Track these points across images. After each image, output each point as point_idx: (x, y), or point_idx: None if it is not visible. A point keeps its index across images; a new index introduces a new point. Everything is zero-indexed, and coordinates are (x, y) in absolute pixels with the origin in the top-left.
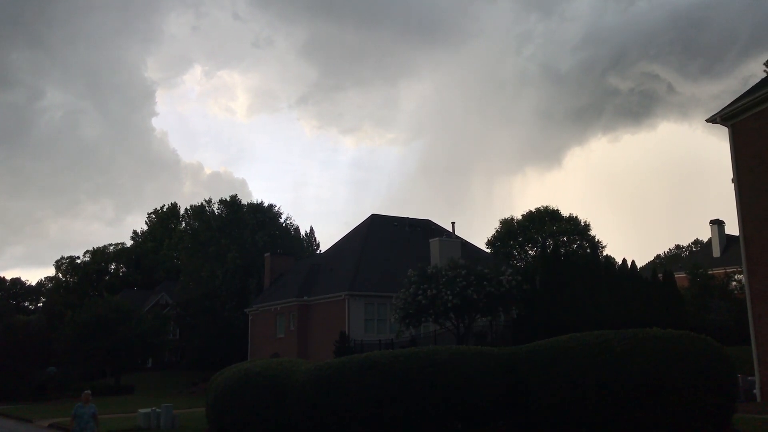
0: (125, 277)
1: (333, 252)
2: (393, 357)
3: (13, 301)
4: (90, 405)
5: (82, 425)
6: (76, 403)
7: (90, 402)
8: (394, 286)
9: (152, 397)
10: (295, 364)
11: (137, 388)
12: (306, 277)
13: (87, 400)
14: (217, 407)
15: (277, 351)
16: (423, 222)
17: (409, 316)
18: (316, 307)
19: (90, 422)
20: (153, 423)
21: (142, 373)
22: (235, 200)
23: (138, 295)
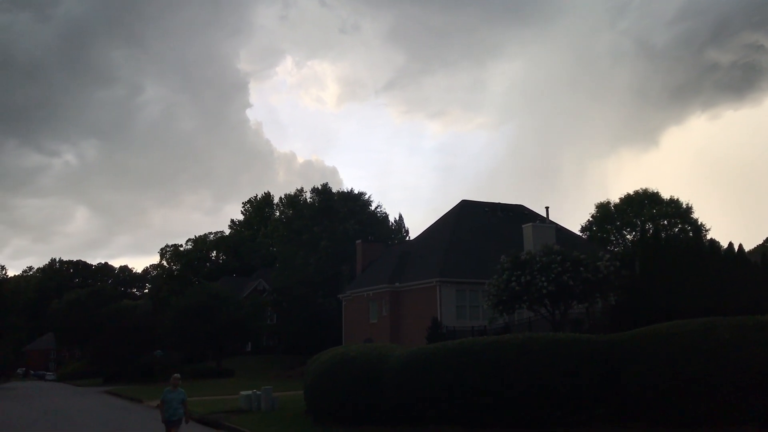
0: (224, 264)
1: (423, 238)
2: (487, 344)
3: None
4: (179, 390)
5: (171, 411)
6: (165, 388)
7: (179, 387)
8: (486, 272)
9: (252, 380)
10: (388, 350)
11: (237, 371)
12: (397, 264)
13: (176, 385)
14: (315, 390)
15: (369, 336)
16: (515, 207)
17: (502, 302)
18: (408, 293)
19: (179, 408)
20: (254, 405)
21: (241, 356)
22: (326, 189)
23: (236, 281)
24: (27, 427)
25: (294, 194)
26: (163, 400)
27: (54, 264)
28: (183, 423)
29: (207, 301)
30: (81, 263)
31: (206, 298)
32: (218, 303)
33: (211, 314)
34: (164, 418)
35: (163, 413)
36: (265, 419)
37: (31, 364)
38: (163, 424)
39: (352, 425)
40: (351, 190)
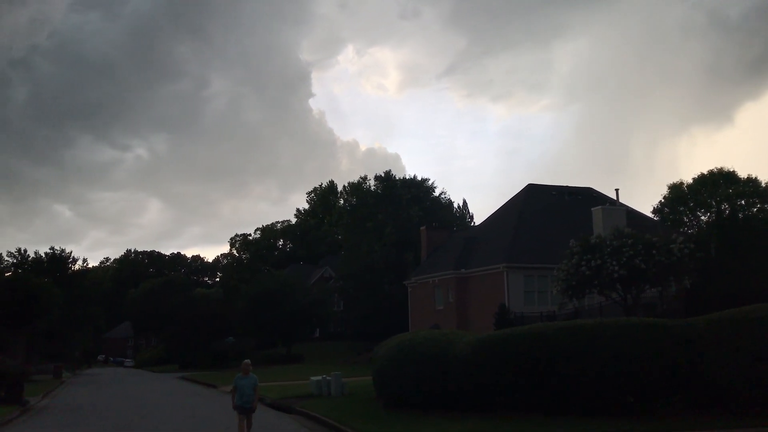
0: (291, 252)
1: (488, 224)
2: (558, 329)
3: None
4: (251, 376)
5: (244, 398)
6: (237, 374)
7: (250, 373)
8: (555, 257)
9: (320, 366)
10: (456, 335)
11: (306, 357)
12: (462, 250)
13: (247, 371)
14: (383, 375)
15: (436, 322)
16: (583, 190)
17: (571, 287)
18: (474, 279)
19: (251, 394)
20: (324, 390)
21: (310, 342)
22: (389, 176)
23: (303, 269)
24: (110, 410)
25: (357, 182)
26: (235, 386)
27: (129, 255)
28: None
29: (276, 289)
30: (155, 253)
31: (275, 286)
32: (287, 290)
33: (280, 301)
34: (236, 404)
35: (235, 399)
36: (336, 404)
37: (110, 351)
38: (235, 411)
39: (421, 410)
40: (414, 176)
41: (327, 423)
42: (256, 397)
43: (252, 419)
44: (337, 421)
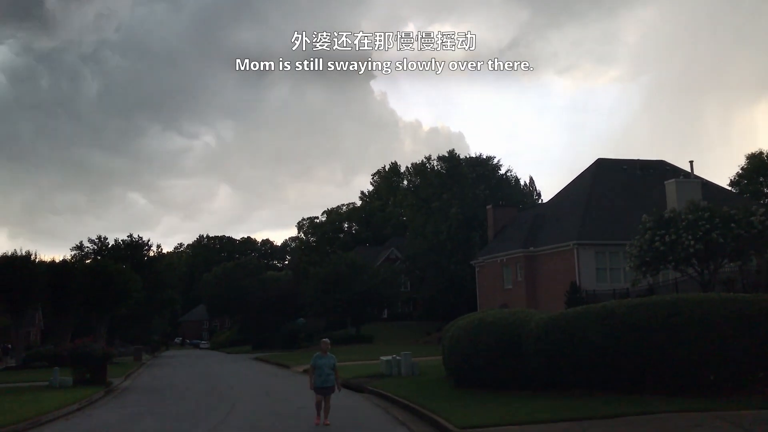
0: (357, 234)
1: (557, 201)
2: (632, 306)
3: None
4: (329, 356)
5: (323, 377)
6: (315, 353)
7: (329, 352)
8: (627, 233)
9: (389, 346)
10: (527, 315)
11: (375, 337)
12: (530, 228)
13: (326, 350)
14: (454, 355)
15: (505, 302)
16: (655, 163)
17: (645, 263)
18: (543, 257)
19: (330, 374)
20: (394, 370)
21: (378, 323)
22: (453, 155)
23: (369, 251)
24: (188, 390)
25: (421, 162)
26: (313, 366)
27: (202, 240)
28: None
29: (344, 271)
30: (226, 238)
31: (343, 268)
32: (354, 272)
33: (348, 283)
34: (315, 384)
35: (314, 380)
36: (407, 384)
37: (186, 333)
38: (314, 392)
39: (492, 390)
40: (479, 155)
41: (399, 402)
42: (337, 377)
43: (330, 400)
44: (409, 400)
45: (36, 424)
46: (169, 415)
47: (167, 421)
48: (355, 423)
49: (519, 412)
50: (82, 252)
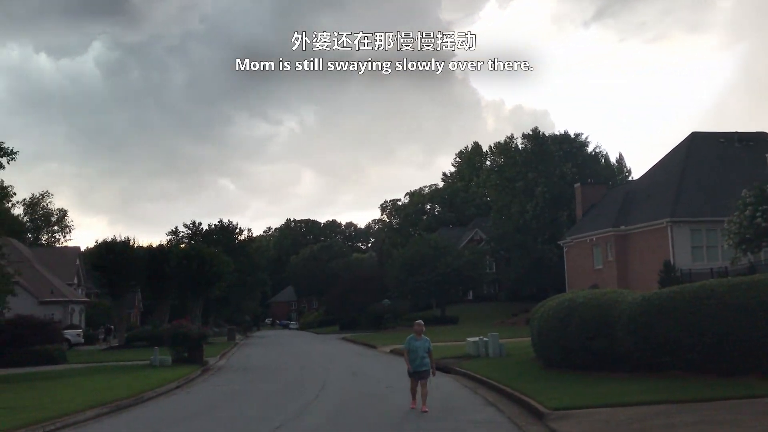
0: (440, 216)
1: (649, 177)
2: (733, 285)
3: (349, 242)
4: (424, 338)
5: (418, 361)
6: (409, 336)
7: (423, 334)
8: (724, 209)
9: (475, 327)
10: (619, 295)
11: (460, 318)
12: (621, 206)
13: (420, 332)
14: (542, 337)
15: (595, 282)
16: (755, 135)
17: (745, 241)
18: (635, 236)
19: (425, 357)
20: (481, 351)
21: (463, 304)
22: (537, 133)
23: (453, 232)
24: (280, 369)
25: (504, 142)
26: (407, 349)
27: (289, 224)
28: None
29: (427, 252)
30: (311, 221)
31: (427, 249)
32: (438, 253)
33: (432, 264)
34: (411, 369)
35: (409, 363)
36: (495, 365)
37: (276, 314)
38: (410, 377)
39: (583, 371)
40: (565, 132)
41: (488, 383)
42: (432, 360)
43: (427, 385)
44: (497, 381)
45: (140, 400)
46: (264, 393)
47: (262, 399)
48: (444, 403)
49: (612, 393)
50: (177, 237)
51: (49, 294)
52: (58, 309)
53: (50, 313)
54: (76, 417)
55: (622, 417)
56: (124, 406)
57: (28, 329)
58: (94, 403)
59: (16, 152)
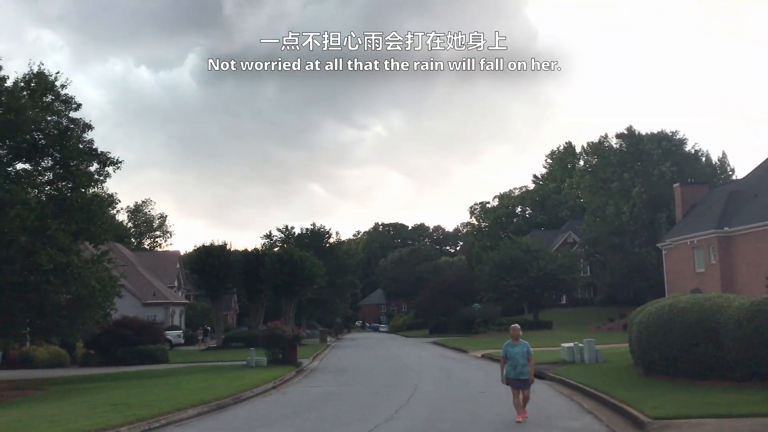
0: (531, 218)
1: (756, 175)
2: None
3: (437, 246)
4: (522, 343)
5: (517, 368)
6: (506, 342)
7: (521, 339)
8: None
9: (569, 332)
10: (725, 300)
11: (554, 323)
12: (724, 207)
13: (517, 337)
14: (642, 343)
15: (696, 286)
16: None
17: None
18: (740, 237)
19: (525, 365)
20: (576, 357)
21: (556, 309)
22: (632, 131)
23: (545, 235)
24: (372, 371)
25: (598, 141)
26: (504, 356)
27: (377, 227)
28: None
29: (518, 255)
30: (399, 225)
31: (518, 253)
32: (530, 257)
33: (523, 268)
34: (507, 376)
35: (505, 370)
36: (591, 371)
37: (366, 317)
38: (506, 385)
39: (686, 379)
40: (661, 130)
41: (584, 390)
42: (531, 367)
43: (529, 392)
44: (594, 387)
45: (238, 399)
46: (357, 395)
47: (355, 401)
48: (539, 410)
49: (719, 403)
50: (270, 240)
51: (152, 296)
52: (160, 310)
53: (153, 314)
54: (179, 415)
55: (731, 429)
56: (224, 405)
57: (132, 330)
58: (196, 402)
59: (120, 161)
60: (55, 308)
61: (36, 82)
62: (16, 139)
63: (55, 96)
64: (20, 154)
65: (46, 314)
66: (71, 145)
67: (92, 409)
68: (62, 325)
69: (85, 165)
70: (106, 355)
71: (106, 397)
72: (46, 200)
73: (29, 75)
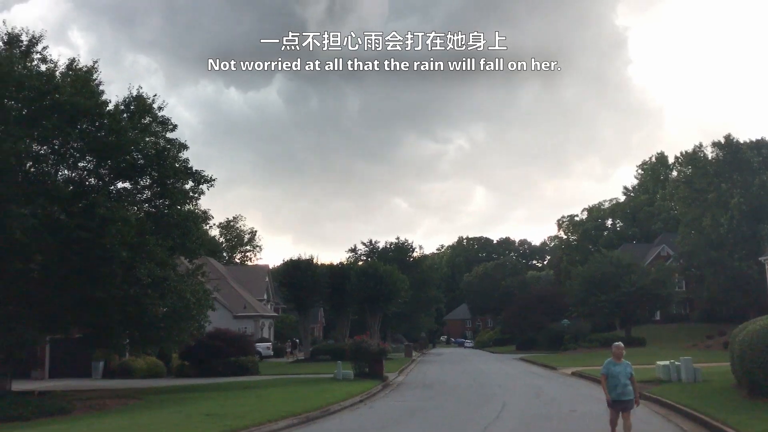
0: (622, 231)
1: None
2: None
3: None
4: (624, 362)
5: (620, 389)
6: (606, 360)
7: (623, 358)
8: None
9: (664, 350)
10: None
11: (648, 340)
12: None
13: (620, 356)
14: (745, 363)
15: None
16: None
17: None
18: None
19: (628, 385)
20: (673, 375)
21: (650, 325)
22: (730, 140)
23: (637, 248)
24: (459, 387)
25: (692, 151)
26: (605, 375)
27: (461, 241)
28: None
29: (609, 270)
30: (484, 239)
31: (608, 267)
32: (621, 271)
33: (614, 283)
34: (611, 397)
35: (608, 392)
36: (689, 391)
37: (450, 332)
38: (609, 407)
39: None
40: (762, 138)
41: (682, 410)
42: (636, 388)
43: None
44: (694, 408)
45: (327, 412)
46: (444, 411)
47: (442, 417)
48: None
49: None
50: (355, 254)
51: (243, 309)
52: (250, 323)
53: (243, 326)
54: (270, 426)
55: None
56: (313, 418)
57: (224, 342)
58: (286, 413)
59: (214, 179)
60: (153, 320)
61: (135, 105)
62: (117, 160)
63: (152, 118)
64: (121, 174)
65: (144, 326)
66: (168, 165)
67: (188, 418)
68: (160, 336)
69: (181, 183)
70: (200, 366)
71: (200, 407)
72: (145, 217)
73: (129, 98)
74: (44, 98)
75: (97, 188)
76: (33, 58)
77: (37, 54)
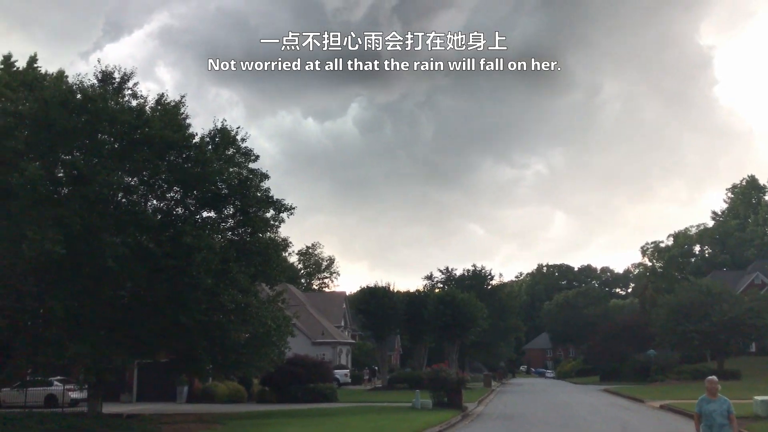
0: (711, 258)
1: None
2: None
3: (605, 288)
4: (721, 399)
5: (715, 429)
6: (700, 396)
7: (719, 394)
8: None
9: (762, 384)
10: None
11: (743, 373)
12: None
13: (714, 392)
14: None
15: None
16: None
17: None
18: None
19: (725, 425)
20: None
21: (744, 357)
22: None
23: (728, 276)
24: (541, 421)
25: None
26: (699, 413)
27: (541, 268)
28: None
29: (699, 299)
30: (564, 266)
31: (697, 295)
32: (711, 300)
33: (704, 312)
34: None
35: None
36: None
37: (531, 361)
38: None
39: None
40: None
41: None
42: (735, 428)
43: None
44: None
45: None
46: None
47: None
48: None
49: None
50: (432, 282)
51: (321, 335)
52: (328, 349)
53: (321, 353)
54: None
55: None
56: None
57: (303, 368)
58: None
59: (293, 207)
60: (236, 346)
61: (220, 137)
62: (202, 190)
63: (236, 149)
64: (206, 204)
65: (227, 351)
66: (251, 194)
67: None
68: (242, 362)
69: (263, 212)
70: (280, 391)
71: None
72: (228, 245)
73: (213, 131)
74: (135, 132)
75: (184, 218)
76: (125, 94)
77: (129, 90)
